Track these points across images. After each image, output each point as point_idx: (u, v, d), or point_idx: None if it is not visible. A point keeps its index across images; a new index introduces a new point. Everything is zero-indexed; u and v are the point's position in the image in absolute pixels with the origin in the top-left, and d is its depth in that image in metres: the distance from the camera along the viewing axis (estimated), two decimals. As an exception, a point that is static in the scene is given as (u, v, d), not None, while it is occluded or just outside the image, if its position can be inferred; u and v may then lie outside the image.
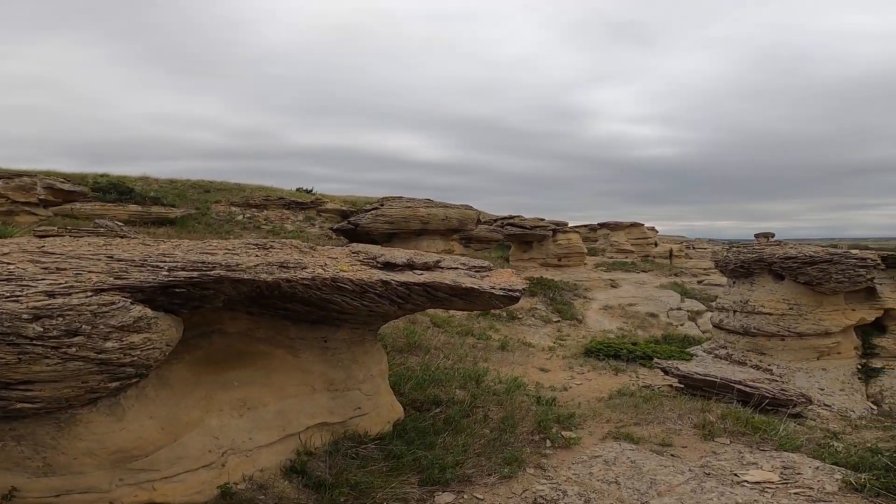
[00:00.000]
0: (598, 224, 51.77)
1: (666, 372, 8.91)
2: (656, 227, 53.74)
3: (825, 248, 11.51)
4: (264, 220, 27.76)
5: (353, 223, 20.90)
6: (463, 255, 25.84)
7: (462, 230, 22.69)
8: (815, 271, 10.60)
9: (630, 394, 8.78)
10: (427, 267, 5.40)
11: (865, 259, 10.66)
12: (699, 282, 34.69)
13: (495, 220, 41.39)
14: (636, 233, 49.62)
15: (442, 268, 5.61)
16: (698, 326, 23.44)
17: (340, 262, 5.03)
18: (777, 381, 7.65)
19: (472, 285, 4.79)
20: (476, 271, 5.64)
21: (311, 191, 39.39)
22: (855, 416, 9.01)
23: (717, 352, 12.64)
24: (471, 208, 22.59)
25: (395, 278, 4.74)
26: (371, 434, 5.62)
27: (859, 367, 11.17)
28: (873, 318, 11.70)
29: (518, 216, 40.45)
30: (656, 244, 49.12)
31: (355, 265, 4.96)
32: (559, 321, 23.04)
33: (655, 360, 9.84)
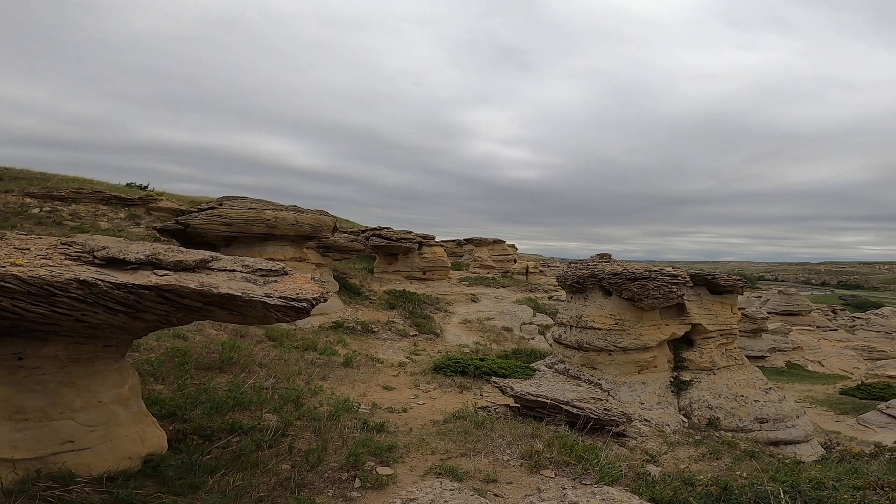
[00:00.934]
0: (465, 240, 53.39)
1: (503, 391, 8.43)
2: (516, 245, 57.00)
3: (645, 266, 12.31)
4: (70, 215, 22.93)
5: (183, 223, 17.86)
6: (319, 264, 23.95)
7: (317, 238, 20.87)
8: (637, 287, 11.21)
9: (465, 417, 8.10)
10: (184, 267, 3.96)
11: (676, 276, 11.56)
12: (549, 297, 37.16)
13: (363, 231, 40.09)
14: (498, 249, 52.08)
15: (211, 269, 4.21)
16: (546, 340, 24.58)
17: (30, 255, 3.37)
18: (601, 400, 7.58)
19: (231, 292, 3.48)
20: (262, 275, 4.35)
21: (146, 187, 34.03)
22: (670, 430, 9.47)
23: (556, 366, 12.81)
24: (327, 214, 20.92)
25: (106, 278, 3.24)
26: (94, 472, 4.35)
27: (672, 379, 12.04)
28: (683, 333, 12.68)
29: (387, 228, 39.68)
30: (515, 261, 51.99)
31: (50, 259, 3.35)
32: (416, 335, 22.39)
33: (493, 378, 9.38)
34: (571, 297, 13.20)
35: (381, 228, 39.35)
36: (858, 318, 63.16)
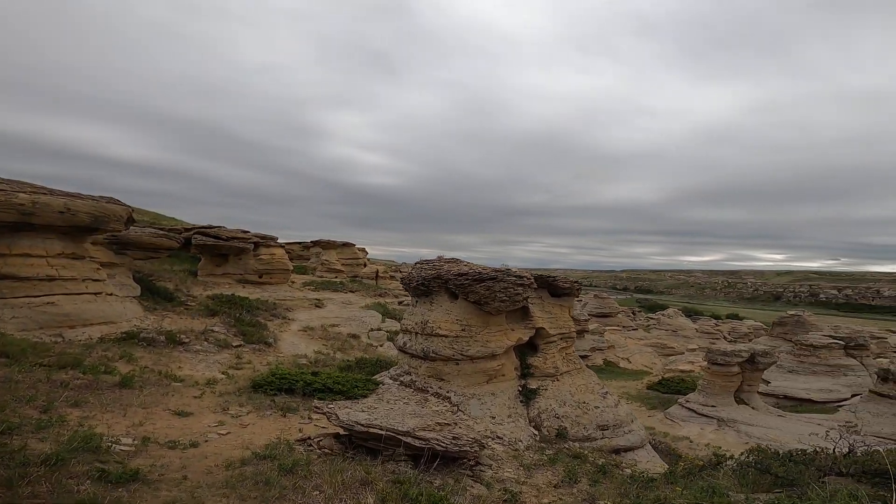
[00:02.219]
0: (312, 242, 49.80)
1: (328, 417, 6.55)
2: (367, 249, 55.07)
3: (491, 267, 11.56)
4: None
5: None
6: (111, 263, 18.98)
7: (102, 230, 16.30)
8: (483, 289, 10.35)
9: (274, 457, 6.02)
10: None
11: (522, 277, 10.96)
12: (400, 302, 36.17)
13: (188, 229, 34.58)
14: (347, 253, 49.60)
15: None
16: (395, 346, 23.22)
17: None
18: (449, 425, 6.25)
19: None
20: None
21: None
22: (523, 446, 8.66)
23: (402, 378, 11.33)
24: (117, 202, 16.52)
25: None
26: None
27: (520, 388, 11.42)
28: (528, 338, 12.14)
29: (218, 227, 34.71)
30: (365, 265, 50.11)
31: None
32: (241, 346, 19.07)
33: (316, 402, 7.44)
34: (417, 301, 11.84)
35: (210, 227, 34.32)
36: (652, 318, 75.05)
